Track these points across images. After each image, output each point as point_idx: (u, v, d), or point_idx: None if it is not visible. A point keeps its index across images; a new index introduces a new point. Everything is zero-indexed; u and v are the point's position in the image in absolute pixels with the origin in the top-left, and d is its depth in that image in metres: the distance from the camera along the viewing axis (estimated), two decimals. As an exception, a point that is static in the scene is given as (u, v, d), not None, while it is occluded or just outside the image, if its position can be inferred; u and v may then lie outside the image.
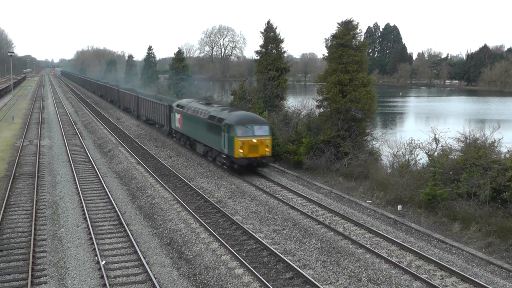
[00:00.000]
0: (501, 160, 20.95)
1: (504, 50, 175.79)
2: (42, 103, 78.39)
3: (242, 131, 26.40)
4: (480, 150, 21.77)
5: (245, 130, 26.50)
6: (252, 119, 27.62)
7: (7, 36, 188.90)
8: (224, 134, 27.02)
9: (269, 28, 45.25)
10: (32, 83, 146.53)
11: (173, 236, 18.55)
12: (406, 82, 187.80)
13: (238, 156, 26.23)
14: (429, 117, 74.21)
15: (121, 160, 32.21)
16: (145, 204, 22.87)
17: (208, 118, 29.60)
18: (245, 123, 26.75)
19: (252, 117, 28.03)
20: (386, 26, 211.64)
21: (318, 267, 15.54)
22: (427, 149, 25.34)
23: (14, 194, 24.07)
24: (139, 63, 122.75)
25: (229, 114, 28.16)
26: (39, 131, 45.87)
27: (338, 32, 29.55)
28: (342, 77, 28.94)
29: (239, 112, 29.31)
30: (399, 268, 15.33)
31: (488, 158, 21.16)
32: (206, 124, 29.84)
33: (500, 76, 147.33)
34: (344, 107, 28.83)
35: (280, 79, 44.17)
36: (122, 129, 46.64)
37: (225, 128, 26.89)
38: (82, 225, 19.87)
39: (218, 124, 27.82)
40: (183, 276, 15.41)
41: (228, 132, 26.66)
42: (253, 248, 17.18)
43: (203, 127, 30.46)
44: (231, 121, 26.81)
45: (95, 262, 16.22)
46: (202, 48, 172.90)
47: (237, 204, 22.29)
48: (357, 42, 29.87)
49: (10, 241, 17.94)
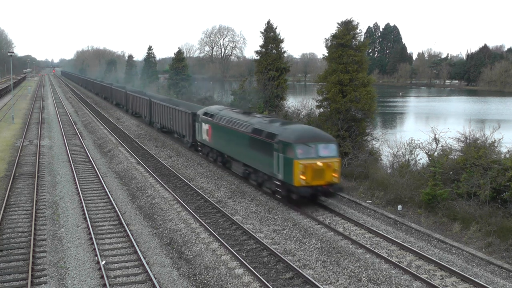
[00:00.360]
0: (501, 160, 20.96)
1: (504, 50, 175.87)
2: (42, 103, 78.38)
3: (303, 152, 20.52)
4: (480, 150, 21.78)
5: (307, 150, 20.62)
6: (315, 135, 21.64)
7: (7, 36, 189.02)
8: (278, 154, 21.15)
9: (269, 28, 45.24)
10: (32, 83, 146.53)
11: (173, 236, 18.55)
12: (406, 82, 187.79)
13: (299, 184, 20.31)
14: (429, 117, 74.20)
15: (121, 160, 32.21)
16: (145, 204, 22.87)
17: (252, 132, 23.69)
18: (307, 141, 20.86)
19: (315, 133, 21.99)
20: (386, 26, 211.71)
21: (318, 267, 15.55)
22: (427, 149, 25.35)
23: (14, 194, 24.07)
24: (139, 63, 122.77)
25: (283, 128, 22.24)
26: (39, 131, 45.87)
27: (338, 32, 29.57)
28: (342, 77, 28.95)
29: (295, 125, 23.47)
30: (399, 268, 15.32)
31: (488, 158, 21.17)
32: (249, 139, 23.95)
33: (500, 76, 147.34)
34: (344, 107, 28.83)
35: (280, 79, 44.16)
36: (122, 129, 46.64)
37: (280, 146, 21.07)
38: (82, 225, 19.88)
39: (268, 140, 22.04)
40: (183, 276, 15.41)
41: (283, 152, 20.82)
42: (253, 248, 17.18)
43: (244, 142, 24.55)
44: (288, 138, 20.89)
45: (95, 262, 16.22)
46: (202, 48, 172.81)
47: (237, 204, 22.29)
48: (357, 42, 29.90)
49: (10, 241, 17.95)
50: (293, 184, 20.45)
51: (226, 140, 27.06)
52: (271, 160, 21.76)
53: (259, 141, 22.86)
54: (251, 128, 23.95)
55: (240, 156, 25.41)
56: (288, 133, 21.47)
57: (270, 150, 21.78)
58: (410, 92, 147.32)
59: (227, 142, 26.99)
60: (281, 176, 21.13)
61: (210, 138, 29.35)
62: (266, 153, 22.21)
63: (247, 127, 24.45)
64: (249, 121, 24.86)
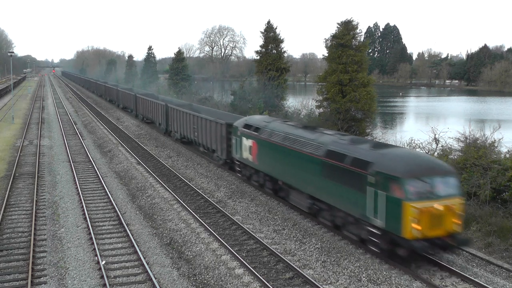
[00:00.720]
0: (501, 160, 21.00)
1: (504, 50, 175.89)
2: (42, 103, 78.41)
3: (417, 190, 14.63)
4: (480, 150, 21.81)
5: (423, 188, 14.72)
6: (431, 165, 15.59)
7: (7, 36, 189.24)
8: (375, 191, 15.30)
9: (269, 28, 45.31)
10: (32, 83, 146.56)
11: (173, 236, 18.56)
12: (406, 82, 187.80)
13: (411, 236, 14.48)
14: (429, 117, 74.23)
15: (121, 160, 32.21)
16: (145, 204, 22.88)
17: (326, 155, 17.62)
18: (422, 174, 14.87)
19: (430, 162, 15.96)
20: (386, 26, 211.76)
21: (318, 267, 15.55)
22: (427, 149, 25.36)
23: (14, 194, 24.07)
24: (139, 63, 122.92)
25: (380, 153, 16.10)
26: (39, 131, 45.88)
27: (338, 32, 29.64)
28: (342, 77, 29.02)
29: (396, 150, 16.88)
30: (399, 268, 15.32)
31: (488, 158, 21.19)
32: (320, 165, 17.93)
33: (500, 76, 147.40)
34: (344, 107, 28.90)
35: (280, 79, 44.24)
36: (122, 129, 46.64)
37: (378, 180, 15.21)
38: (82, 225, 19.88)
39: (355, 170, 16.15)
40: (183, 276, 15.41)
41: (385, 189, 14.98)
42: (253, 248, 17.18)
43: (311, 168, 18.55)
44: (393, 170, 14.97)
45: (95, 262, 16.23)
46: (202, 48, 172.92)
47: (237, 204, 22.29)
48: (357, 42, 29.99)
49: (10, 241, 17.95)
50: (402, 235, 14.62)
51: (281, 162, 20.97)
52: (361, 197, 15.90)
53: (340, 169, 16.83)
54: (324, 150, 17.92)
55: (305, 185, 19.25)
56: (390, 161, 15.46)
57: (360, 183, 15.90)
58: (410, 92, 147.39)
59: (283, 165, 20.85)
60: (381, 223, 15.22)
61: (255, 158, 23.18)
62: (352, 187, 16.35)
63: (316, 148, 18.42)
64: (319, 140, 18.76)
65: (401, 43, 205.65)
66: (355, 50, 29.26)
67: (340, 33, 29.30)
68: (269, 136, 21.96)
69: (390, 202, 14.84)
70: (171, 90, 73.31)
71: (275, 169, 21.62)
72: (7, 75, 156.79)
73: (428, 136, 25.76)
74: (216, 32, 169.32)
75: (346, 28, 29.28)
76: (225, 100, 56.55)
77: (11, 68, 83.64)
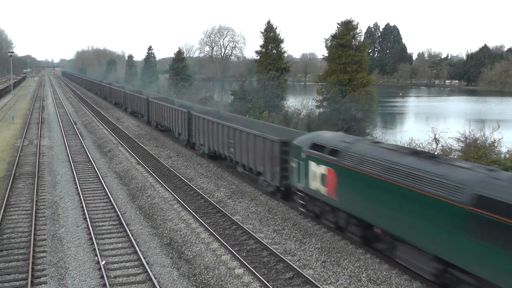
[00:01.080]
0: (501, 160, 20.99)
1: (504, 50, 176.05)
2: (42, 103, 78.42)
3: None
4: (480, 150, 21.82)
5: None
6: None
7: (7, 36, 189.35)
8: None
9: (269, 28, 45.33)
10: (32, 83, 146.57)
11: (173, 236, 18.56)
12: (406, 82, 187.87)
13: None
14: (429, 117, 74.23)
15: (121, 160, 32.21)
16: (145, 204, 22.88)
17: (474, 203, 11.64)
18: None
19: None
20: (386, 26, 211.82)
21: (318, 267, 15.55)
22: (427, 149, 25.37)
23: (14, 194, 24.07)
24: (139, 63, 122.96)
25: None
26: (39, 131, 45.89)
27: (338, 32, 29.67)
28: (342, 77, 29.05)
29: None
30: (399, 268, 15.31)
31: (488, 158, 21.20)
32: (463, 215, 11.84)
33: (500, 76, 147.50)
34: (344, 107, 28.87)
35: (280, 79, 44.25)
36: (122, 129, 46.65)
37: None
38: (82, 225, 19.88)
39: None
40: (183, 276, 15.41)
41: None
42: (253, 248, 17.18)
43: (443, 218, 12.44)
44: None
45: (95, 262, 16.23)
46: (202, 48, 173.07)
47: (237, 204, 22.29)
48: (357, 42, 30.00)
49: (10, 241, 17.94)
50: None
51: (381, 202, 14.83)
52: None
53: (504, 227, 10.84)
54: (469, 194, 11.86)
55: (428, 241, 13.14)
56: None
57: None
58: (410, 92, 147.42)
59: (384, 207, 14.67)
60: None
61: (333, 191, 17.19)
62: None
63: (453, 189, 12.28)
64: (453, 177, 12.56)
65: (401, 43, 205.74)
66: (355, 50, 29.30)
67: (340, 33, 29.34)
68: (357, 164, 15.90)
69: None
70: (171, 90, 73.35)
71: (369, 211, 15.51)
72: (7, 75, 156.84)
73: (428, 136, 25.77)
74: (216, 32, 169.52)
75: (346, 28, 29.32)
76: (225, 100, 56.57)
77: (11, 68, 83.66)
